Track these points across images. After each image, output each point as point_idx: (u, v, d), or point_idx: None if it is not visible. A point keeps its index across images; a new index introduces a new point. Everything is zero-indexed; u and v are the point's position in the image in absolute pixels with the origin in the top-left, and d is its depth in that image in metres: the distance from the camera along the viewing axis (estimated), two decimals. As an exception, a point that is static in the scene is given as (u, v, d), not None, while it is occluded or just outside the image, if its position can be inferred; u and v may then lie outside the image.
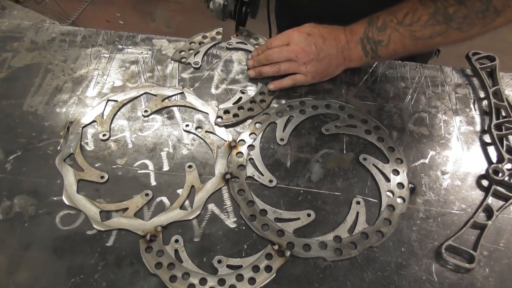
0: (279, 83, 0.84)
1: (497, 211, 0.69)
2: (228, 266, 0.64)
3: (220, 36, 0.95)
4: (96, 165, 0.75)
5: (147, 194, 0.71)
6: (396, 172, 0.74)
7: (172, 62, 0.91)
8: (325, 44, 0.81)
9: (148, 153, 0.77)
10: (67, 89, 0.86)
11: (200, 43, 0.94)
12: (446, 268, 0.65)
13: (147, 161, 0.76)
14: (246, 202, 0.70)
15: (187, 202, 0.71)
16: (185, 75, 0.89)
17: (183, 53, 0.92)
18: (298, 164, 0.76)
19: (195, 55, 0.92)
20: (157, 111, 0.83)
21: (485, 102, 0.86)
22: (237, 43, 0.94)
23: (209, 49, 0.93)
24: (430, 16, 0.72)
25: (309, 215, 0.69)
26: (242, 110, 0.82)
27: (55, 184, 0.72)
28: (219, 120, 0.81)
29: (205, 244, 0.67)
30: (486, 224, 0.67)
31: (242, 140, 0.78)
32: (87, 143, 0.78)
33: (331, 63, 0.82)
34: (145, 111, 0.82)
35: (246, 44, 0.94)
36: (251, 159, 0.76)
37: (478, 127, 0.81)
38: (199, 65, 0.89)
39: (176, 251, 0.65)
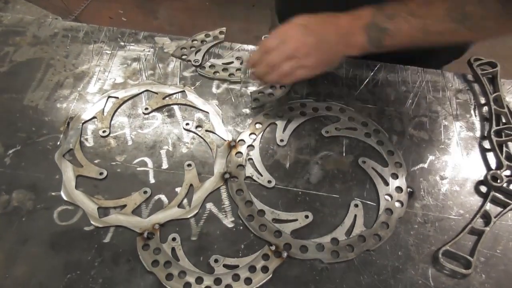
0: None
1: (495, 217, 0.69)
2: (225, 266, 0.64)
3: (223, 36, 0.95)
4: (95, 161, 0.75)
5: (145, 192, 0.71)
6: (395, 176, 0.74)
7: (174, 60, 0.91)
8: (322, 32, 0.76)
9: (147, 151, 0.77)
10: (68, 85, 0.86)
11: (202, 41, 0.94)
12: (443, 273, 0.65)
13: (146, 159, 0.76)
14: (244, 202, 0.70)
15: (185, 201, 0.71)
16: (186, 73, 0.89)
17: (184, 50, 0.92)
18: (297, 165, 0.76)
19: (196, 53, 0.92)
20: (158, 109, 0.83)
21: (485, 108, 0.86)
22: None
23: (210, 47, 0.93)
24: (446, 11, 0.69)
25: (307, 216, 0.69)
26: (262, 94, 0.85)
27: (53, 179, 0.72)
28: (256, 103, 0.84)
29: (202, 243, 0.67)
30: (484, 230, 0.68)
31: (242, 140, 0.78)
32: (86, 139, 0.78)
33: (331, 50, 0.78)
34: (146, 108, 0.82)
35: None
36: (250, 159, 0.76)
37: (478, 133, 0.82)
38: (199, 63, 0.89)
39: (173, 249, 0.65)
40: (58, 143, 0.77)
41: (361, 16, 0.75)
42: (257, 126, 0.80)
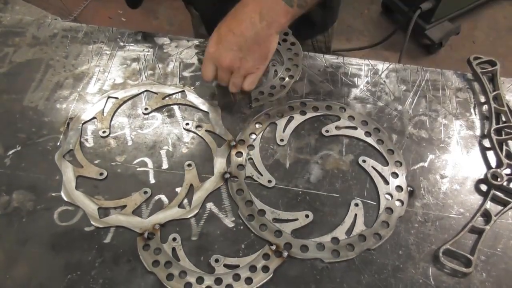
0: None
1: (495, 216, 0.69)
2: (225, 266, 0.64)
3: None
4: (96, 161, 0.75)
5: (145, 192, 0.71)
6: (395, 175, 0.74)
7: (174, 60, 0.91)
8: (238, 34, 0.72)
9: (147, 151, 0.77)
10: (68, 85, 0.86)
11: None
12: (443, 272, 0.65)
13: (146, 159, 0.76)
14: (244, 202, 0.70)
15: (185, 201, 0.71)
16: (186, 73, 0.89)
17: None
18: (297, 165, 0.76)
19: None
20: (158, 109, 0.83)
21: (485, 107, 0.86)
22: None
23: None
24: None
25: (307, 216, 0.69)
26: (262, 95, 0.85)
27: (54, 180, 0.72)
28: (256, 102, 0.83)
29: (203, 243, 0.67)
30: (484, 229, 0.68)
31: (242, 140, 0.78)
32: (86, 140, 0.78)
33: (259, 41, 0.73)
34: (146, 108, 0.82)
35: None
36: (250, 159, 0.76)
37: (478, 132, 0.81)
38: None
39: (173, 249, 0.65)
40: (58, 143, 0.77)
41: None
42: (257, 126, 0.80)
